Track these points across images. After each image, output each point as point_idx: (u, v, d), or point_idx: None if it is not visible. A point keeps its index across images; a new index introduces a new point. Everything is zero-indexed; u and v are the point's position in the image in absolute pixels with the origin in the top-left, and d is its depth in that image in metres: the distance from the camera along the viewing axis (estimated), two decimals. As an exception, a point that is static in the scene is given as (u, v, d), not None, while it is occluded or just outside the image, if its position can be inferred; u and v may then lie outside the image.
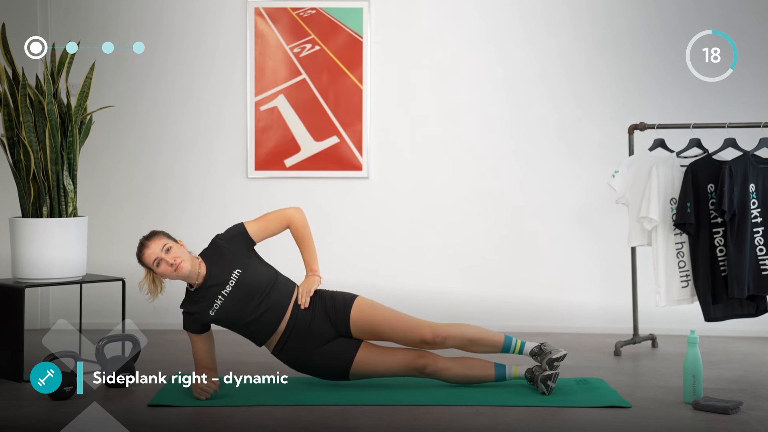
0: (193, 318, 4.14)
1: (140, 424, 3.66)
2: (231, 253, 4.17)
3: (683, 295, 5.04)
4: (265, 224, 4.26)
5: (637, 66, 5.84)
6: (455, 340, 4.19)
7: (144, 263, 4.13)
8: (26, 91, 4.59)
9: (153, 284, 4.16)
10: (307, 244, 4.31)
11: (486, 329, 4.26)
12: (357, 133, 5.88)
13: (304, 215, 4.31)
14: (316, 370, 4.22)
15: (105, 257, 5.72)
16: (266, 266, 4.25)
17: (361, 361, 4.18)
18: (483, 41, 5.90)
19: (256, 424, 3.74)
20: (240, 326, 4.16)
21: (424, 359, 4.18)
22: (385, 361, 4.18)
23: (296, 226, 4.29)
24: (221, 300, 4.11)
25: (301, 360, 4.20)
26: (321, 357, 4.18)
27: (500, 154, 5.91)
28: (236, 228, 4.23)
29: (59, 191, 4.68)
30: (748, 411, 3.92)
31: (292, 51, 5.90)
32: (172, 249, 4.08)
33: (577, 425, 3.75)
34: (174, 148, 5.96)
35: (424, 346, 4.20)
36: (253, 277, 4.15)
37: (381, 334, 4.21)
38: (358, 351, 4.19)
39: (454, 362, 4.22)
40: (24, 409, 3.97)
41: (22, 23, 5.77)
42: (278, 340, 4.18)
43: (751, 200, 4.86)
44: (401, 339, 4.20)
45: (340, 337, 4.22)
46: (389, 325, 4.19)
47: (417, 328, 4.18)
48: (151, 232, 4.16)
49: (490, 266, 5.90)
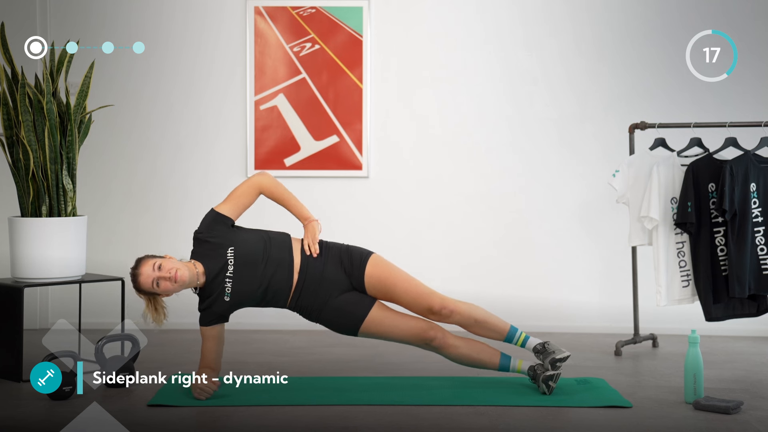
0: (210, 311, 4.11)
1: (139, 424, 3.66)
2: (216, 239, 4.14)
3: (684, 294, 5.03)
4: (235, 201, 4.20)
5: (637, 65, 5.83)
6: (461, 316, 4.19)
7: (143, 291, 4.08)
8: (25, 91, 4.58)
9: (156, 312, 4.13)
10: (287, 199, 4.26)
11: (494, 315, 4.26)
12: (357, 133, 5.88)
13: (270, 176, 4.25)
14: (328, 322, 4.20)
15: (104, 257, 5.71)
16: (254, 231, 4.23)
17: (372, 320, 4.16)
18: (483, 40, 5.89)
19: (256, 424, 3.74)
20: (258, 298, 4.14)
21: (434, 332, 4.17)
22: (396, 325, 4.17)
23: (268, 189, 4.24)
24: (230, 282, 4.09)
25: (315, 310, 4.17)
26: (334, 310, 4.16)
27: (501, 153, 5.90)
28: (208, 216, 4.20)
29: (58, 191, 4.67)
30: (749, 411, 3.91)
31: (292, 50, 5.89)
32: (163, 264, 4.04)
33: (577, 425, 3.75)
34: (173, 147, 5.95)
35: (430, 315, 4.19)
36: (247, 247, 4.12)
37: (392, 294, 4.20)
38: (371, 309, 4.17)
39: (462, 342, 4.21)
40: (23, 408, 3.97)
41: (21, 22, 5.76)
42: (293, 292, 4.16)
43: (752, 199, 4.85)
44: (410, 302, 4.20)
45: (353, 291, 4.21)
46: (401, 286, 4.19)
47: (427, 295, 4.19)
48: (135, 261, 4.11)
49: (491, 265, 5.89)
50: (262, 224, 4.54)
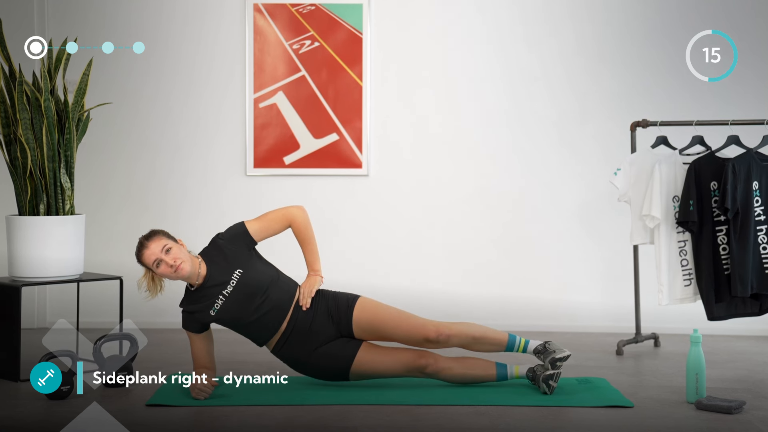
0: (193, 317, 4.10)
1: (138, 424, 3.64)
2: (232, 252, 4.13)
3: (686, 293, 5.01)
4: (266, 224, 4.22)
5: (638, 63, 5.80)
6: (459, 338, 4.16)
7: (143, 263, 4.10)
8: (23, 88, 4.56)
9: (152, 282, 4.13)
10: (309, 244, 4.27)
11: (490, 328, 4.24)
12: (357, 131, 5.85)
13: (306, 214, 4.27)
14: (316, 371, 4.19)
15: (103, 257, 5.69)
16: (267, 265, 4.22)
17: (361, 361, 4.14)
18: (483, 37, 5.87)
19: (255, 423, 3.72)
20: (241, 326, 4.13)
21: (425, 359, 4.15)
22: (386, 361, 4.15)
23: (298, 226, 4.25)
24: (222, 300, 4.07)
25: (302, 360, 4.17)
26: (321, 357, 4.14)
27: (501, 151, 5.88)
28: (237, 227, 4.20)
29: (56, 189, 4.65)
30: (751, 411, 3.90)
31: (292, 47, 5.87)
32: (172, 250, 4.04)
33: (578, 425, 3.73)
34: (172, 145, 5.92)
35: (428, 345, 4.17)
36: (255, 277, 4.11)
37: (384, 334, 4.18)
38: (359, 351, 4.16)
39: (455, 362, 4.19)
40: (21, 408, 3.95)
41: (19, 21, 5.73)
42: (278, 339, 4.16)
43: (755, 198, 4.83)
44: (404, 338, 4.17)
45: (341, 337, 4.19)
46: (392, 324, 4.16)
47: (421, 327, 4.15)
48: (150, 232, 4.12)
49: (491, 264, 5.87)
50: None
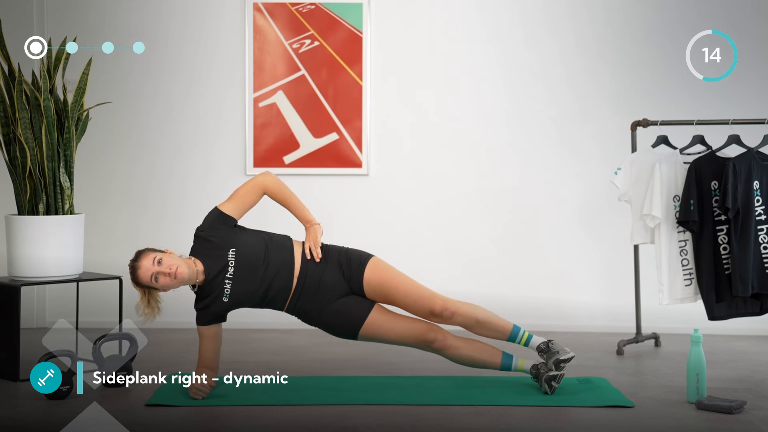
0: (208, 311, 4.08)
1: (138, 424, 3.63)
2: (218, 238, 4.11)
3: (686, 293, 5.01)
4: (239, 200, 4.17)
5: (639, 63, 5.79)
6: (463, 317, 4.15)
7: (141, 284, 4.05)
8: (22, 87, 4.55)
9: (149, 307, 4.10)
10: (291, 201, 4.23)
11: (496, 315, 4.23)
12: (356, 130, 5.85)
13: (274, 177, 4.22)
14: (327, 326, 4.18)
15: (103, 258, 5.68)
16: (255, 233, 4.20)
17: (372, 323, 4.13)
18: (484, 37, 5.86)
19: (255, 423, 3.72)
20: (257, 299, 4.12)
21: (434, 333, 4.15)
22: (396, 328, 4.14)
23: (272, 189, 4.21)
24: (229, 284, 4.06)
25: (314, 314, 4.15)
26: (333, 313, 4.14)
27: (502, 151, 5.87)
28: (212, 214, 4.17)
29: (56, 188, 4.64)
30: (752, 411, 3.89)
31: (291, 47, 5.86)
32: (163, 259, 4.01)
33: (579, 425, 3.73)
34: (172, 145, 5.92)
35: (432, 317, 4.16)
36: (249, 249, 4.10)
37: (392, 297, 4.17)
38: (371, 312, 4.15)
39: (463, 342, 4.18)
40: (20, 408, 3.95)
41: (18, 20, 5.72)
42: (291, 296, 4.14)
43: (755, 197, 4.83)
44: (411, 306, 4.17)
45: (352, 294, 4.18)
46: (402, 289, 4.15)
47: (429, 298, 4.15)
48: (136, 254, 4.07)
49: (492, 263, 5.86)
50: (264, 224, 4.51)
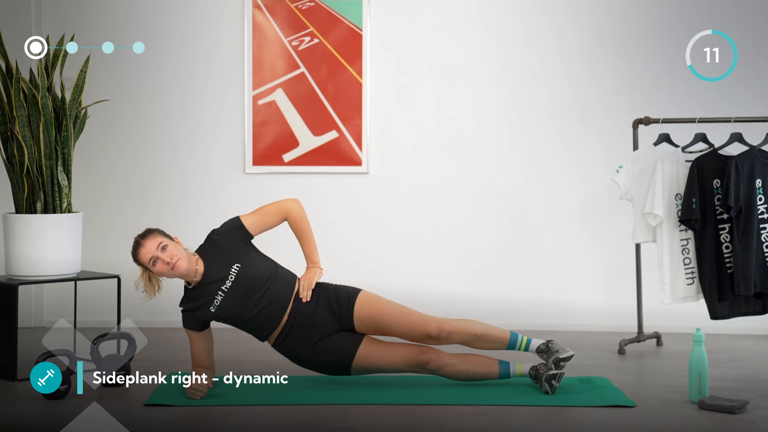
0: (193, 315, 4.07)
1: (137, 424, 3.62)
2: (228, 248, 4.10)
3: (688, 292, 4.99)
4: (261, 217, 4.19)
5: (640, 60, 5.77)
6: (461, 335, 4.13)
7: (139, 262, 4.07)
8: (20, 85, 4.54)
9: (149, 283, 4.09)
10: (306, 236, 4.24)
11: (492, 325, 4.21)
12: (356, 128, 5.82)
13: (301, 206, 4.24)
14: (318, 365, 4.16)
15: (101, 257, 5.66)
16: (265, 259, 4.19)
17: (363, 356, 4.11)
18: (484, 34, 5.84)
19: (254, 423, 3.70)
20: (242, 322, 4.10)
21: (428, 354, 4.12)
22: (388, 356, 4.12)
23: (294, 219, 4.22)
24: (221, 296, 4.04)
25: (303, 354, 4.14)
26: (322, 351, 4.12)
27: (502, 149, 5.85)
28: (232, 222, 4.17)
29: (53, 187, 4.62)
30: (755, 410, 3.88)
31: (291, 44, 5.83)
32: (168, 247, 4.01)
33: (580, 425, 3.71)
34: (171, 142, 5.90)
35: (429, 341, 4.14)
36: (253, 272, 4.08)
37: (385, 329, 4.15)
38: (361, 345, 4.13)
39: (457, 358, 4.16)
40: (18, 408, 3.93)
41: (16, 19, 5.71)
42: (279, 334, 4.13)
43: (758, 196, 4.81)
44: (406, 333, 4.14)
45: (342, 331, 4.16)
46: (394, 319, 4.13)
47: (423, 322, 4.12)
48: (145, 230, 4.09)
49: (492, 263, 5.84)
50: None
